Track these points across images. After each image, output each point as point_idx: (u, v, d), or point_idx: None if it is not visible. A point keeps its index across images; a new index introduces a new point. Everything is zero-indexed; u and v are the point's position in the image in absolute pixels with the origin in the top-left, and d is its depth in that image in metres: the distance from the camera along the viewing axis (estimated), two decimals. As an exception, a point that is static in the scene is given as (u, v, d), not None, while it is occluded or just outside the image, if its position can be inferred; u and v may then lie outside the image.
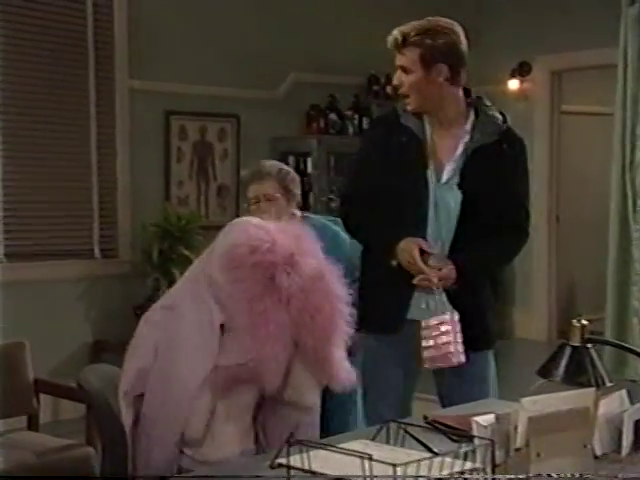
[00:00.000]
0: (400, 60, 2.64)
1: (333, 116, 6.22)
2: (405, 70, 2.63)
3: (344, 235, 2.99)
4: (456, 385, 2.66)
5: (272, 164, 3.23)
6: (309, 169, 6.06)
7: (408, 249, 2.56)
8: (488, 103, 2.75)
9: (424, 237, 2.61)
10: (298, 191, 3.18)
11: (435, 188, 2.63)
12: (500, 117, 2.71)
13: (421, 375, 2.75)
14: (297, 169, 6.07)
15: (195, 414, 2.01)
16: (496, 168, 2.65)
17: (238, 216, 6.23)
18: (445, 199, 2.63)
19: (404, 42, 2.59)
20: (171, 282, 5.03)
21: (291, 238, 2.00)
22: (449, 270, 2.56)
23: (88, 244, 5.28)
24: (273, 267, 1.94)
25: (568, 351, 1.97)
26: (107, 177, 5.33)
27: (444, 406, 2.69)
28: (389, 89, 6.47)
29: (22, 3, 4.92)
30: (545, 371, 1.99)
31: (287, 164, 6.04)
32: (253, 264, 1.94)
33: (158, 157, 5.59)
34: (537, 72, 6.62)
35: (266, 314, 1.93)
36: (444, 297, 2.54)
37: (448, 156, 2.67)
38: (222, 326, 2.00)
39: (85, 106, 5.21)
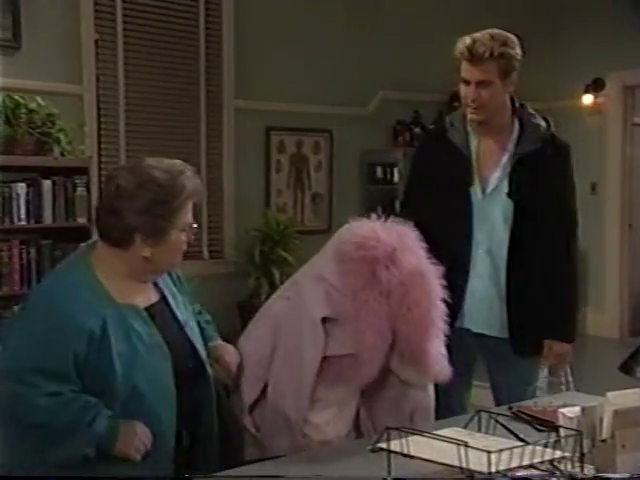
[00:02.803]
0: (479, 74, 2.38)
1: (417, 130, 6.19)
2: (484, 83, 2.39)
3: None
4: (503, 383, 2.56)
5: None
6: (395, 179, 6.05)
7: None
8: (532, 111, 2.56)
9: (468, 253, 2.45)
10: None
11: (478, 201, 2.47)
12: (544, 124, 2.53)
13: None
14: (384, 179, 6.08)
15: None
16: (543, 175, 2.47)
17: (331, 222, 6.29)
18: (488, 210, 2.47)
19: (491, 55, 2.35)
20: (271, 281, 5.10)
21: (394, 235, 1.98)
22: None
23: (198, 246, 5.37)
24: (375, 262, 1.92)
25: (650, 349, 1.92)
26: (214, 187, 5.44)
27: (495, 397, 2.59)
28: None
29: (147, 35, 5.07)
30: (627, 368, 1.95)
31: (375, 174, 6.12)
32: (359, 258, 1.93)
33: (259, 169, 5.67)
34: (610, 87, 6.42)
35: (367, 305, 1.91)
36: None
37: (493, 166, 2.48)
38: (325, 319, 1.98)
39: (197, 123, 5.33)
